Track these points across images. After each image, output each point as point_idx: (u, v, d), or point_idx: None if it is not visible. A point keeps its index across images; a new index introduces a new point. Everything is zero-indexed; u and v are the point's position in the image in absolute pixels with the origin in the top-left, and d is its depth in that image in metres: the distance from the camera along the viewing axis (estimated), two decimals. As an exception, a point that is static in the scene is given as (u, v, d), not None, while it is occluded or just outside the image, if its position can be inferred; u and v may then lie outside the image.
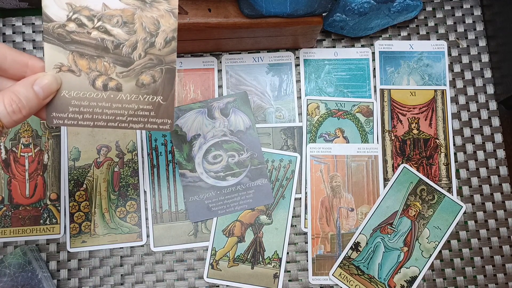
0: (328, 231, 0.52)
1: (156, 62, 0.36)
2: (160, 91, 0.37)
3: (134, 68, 0.36)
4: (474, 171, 0.54)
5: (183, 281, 0.51)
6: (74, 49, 0.35)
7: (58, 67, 0.35)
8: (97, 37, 0.35)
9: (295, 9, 0.46)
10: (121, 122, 0.37)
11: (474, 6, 0.58)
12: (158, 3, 0.34)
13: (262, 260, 0.51)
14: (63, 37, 0.34)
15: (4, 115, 0.30)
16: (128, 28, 0.35)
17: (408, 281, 0.51)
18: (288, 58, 0.56)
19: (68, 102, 0.35)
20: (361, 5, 0.51)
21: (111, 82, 0.36)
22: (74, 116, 0.36)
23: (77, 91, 0.35)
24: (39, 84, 0.33)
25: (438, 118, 0.55)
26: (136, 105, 0.36)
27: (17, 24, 0.56)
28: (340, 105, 0.55)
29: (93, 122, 0.36)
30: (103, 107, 0.36)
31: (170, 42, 0.35)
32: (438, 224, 0.52)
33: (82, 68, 0.35)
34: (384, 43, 0.57)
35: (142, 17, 0.35)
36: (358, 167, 0.54)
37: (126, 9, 0.34)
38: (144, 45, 0.35)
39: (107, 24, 0.34)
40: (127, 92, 0.36)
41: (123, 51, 0.35)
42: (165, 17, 0.35)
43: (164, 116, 0.37)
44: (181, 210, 0.52)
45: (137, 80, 0.36)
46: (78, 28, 0.34)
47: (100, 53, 0.35)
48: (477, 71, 0.57)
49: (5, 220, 0.51)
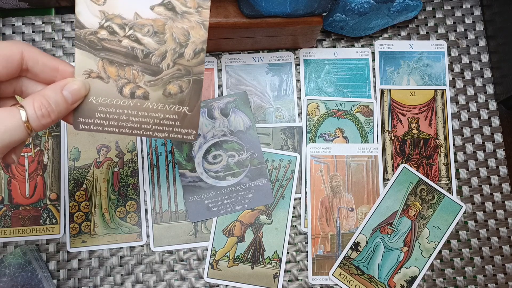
0: (328, 231, 0.52)
1: (184, 72, 0.36)
2: (187, 102, 0.37)
3: (162, 78, 0.36)
4: (474, 171, 0.54)
5: (183, 281, 0.51)
6: (104, 56, 0.35)
7: (87, 73, 0.35)
8: (127, 45, 0.35)
9: (295, 9, 0.46)
10: (146, 130, 0.37)
11: (474, 6, 0.58)
12: (190, 15, 0.35)
13: (262, 260, 0.51)
14: (94, 44, 0.35)
15: (34, 118, 0.31)
16: (158, 38, 0.35)
17: (408, 281, 0.51)
18: (288, 58, 0.56)
19: (95, 108, 0.36)
20: (361, 5, 0.51)
21: (138, 90, 0.36)
22: (100, 122, 0.36)
23: (104, 98, 0.36)
24: (68, 89, 0.33)
25: (438, 118, 0.55)
26: (162, 114, 0.37)
27: (17, 24, 0.56)
28: (340, 105, 0.55)
29: (118, 128, 0.37)
30: (129, 115, 0.36)
31: (199, 54, 0.36)
32: (438, 224, 0.52)
33: (111, 75, 0.36)
34: (384, 43, 0.57)
35: (173, 28, 0.35)
36: (358, 167, 0.54)
37: (158, 19, 0.35)
38: (173, 55, 0.36)
39: (138, 33, 0.35)
40: (154, 101, 0.36)
41: (152, 60, 0.36)
42: (195, 28, 0.35)
43: (189, 126, 0.38)
44: (181, 210, 0.52)
45: (164, 89, 0.36)
46: (109, 36, 0.35)
47: (130, 61, 0.35)
48: (477, 71, 0.57)
49: (5, 220, 0.51)
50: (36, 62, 0.33)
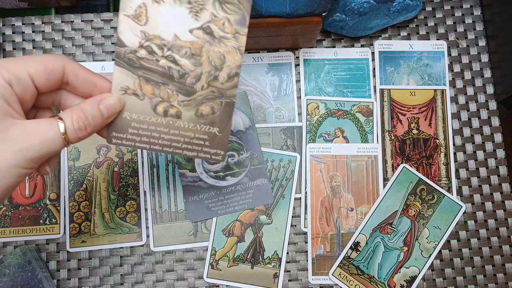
0: (328, 231, 0.52)
1: (217, 94, 0.37)
2: (217, 123, 0.38)
3: (196, 98, 0.37)
4: (474, 171, 0.54)
5: (183, 281, 0.51)
6: (142, 74, 0.36)
7: (124, 89, 0.36)
8: (164, 65, 0.36)
9: (294, 9, 0.46)
10: (176, 148, 0.38)
11: (474, 6, 0.58)
12: (227, 40, 0.36)
13: (262, 260, 0.51)
14: (133, 62, 0.36)
15: (71, 131, 0.32)
16: (195, 60, 0.36)
17: (408, 281, 0.51)
18: (288, 58, 0.56)
19: (128, 124, 0.37)
20: (360, 5, 0.51)
21: (171, 109, 0.37)
22: (132, 137, 0.37)
23: (138, 114, 0.37)
24: (105, 104, 0.34)
25: (438, 118, 0.55)
26: (192, 133, 0.38)
27: (17, 24, 0.56)
28: (340, 105, 0.55)
29: (149, 145, 0.38)
30: (161, 132, 0.37)
31: (233, 78, 0.37)
32: (437, 224, 0.52)
33: (146, 93, 0.36)
34: (383, 43, 0.57)
35: (210, 51, 0.36)
36: (358, 167, 0.54)
37: (196, 42, 0.36)
38: (208, 77, 0.37)
39: (176, 54, 0.36)
40: (186, 120, 0.37)
41: (187, 81, 0.37)
42: (231, 53, 0.36)
43: (218, 147, 0.39)
44: (180, 210, 0.52)
45: (196, 110, 0.37)
46: (148, 55, 0.36)
47: (165, 80, 0.36)
48: (477, 71, 0.57)
49: (4, 220, 0.51)
50: (76, 76, 0.34)
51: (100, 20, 0.56)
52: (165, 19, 0.35)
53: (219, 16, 0.35)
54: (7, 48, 0.55)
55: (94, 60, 0.55)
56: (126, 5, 0.35)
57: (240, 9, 0.36)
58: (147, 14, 0.35)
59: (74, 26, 0.56)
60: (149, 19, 0.35)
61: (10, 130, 0.30)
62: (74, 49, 0.55)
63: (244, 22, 0.36)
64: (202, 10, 0.35)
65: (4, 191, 0.31)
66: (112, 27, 0.56)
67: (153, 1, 0.35)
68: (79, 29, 0.56)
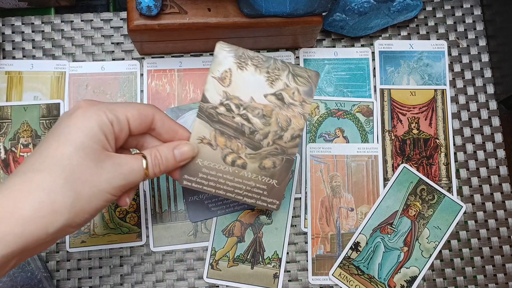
0: (328, 231, 0.52)
1: (280, 151, 0.42)
2: (277, 176, 0.43)
3: (261, 153, 0.42)
4: (474, 171, 0.54)
5: (183, 281, 0.51)
6: (218, 127, 0.41)
7: (200, 139, 0.41)
8: (238, 122, 0.41)
9: (295, 9, 0.46)
10: (238, 194, 0.43)
11: (474, 5, 0.58)
12: (294, 106, 0.41)
13: (262, 260, 0.51)
14: (212, 116, 0.41)
15: (150, 167, 0.38)
16: (265, 120, 0.41)
17: (408, 281, 0.51)
18: (288, 57, 0.56)
19: (199, 169, 0.42)
20: (361, 5, 0.51)
21: (239, 160, 0.42)
22: (201, 181, 0.42)
23: (209, 162, 0.42)
24: (179, 150, 0.40)
25: (438, 118, 0.55)
26: (254, 183, 0.43)
27: (17, 24, 0.56)
28: (340, 105, 0.55)
29: (215, 189, 0.42)
30: (226, 179, 0.42)
31: (295, 138, 0.42)
32: (438, 224, 0.52)
33: (219, 144, 0.41)
34: (384, 42, 0.57)
35: (279, 114, 0.41)
36: (358, 167, 0.53)
37: (268, 105, 0.41)
38: (274, 136, 0.42)
39: (250, 114, 0.41)
40: (250, 171, 0.42)
41: (256, 137, 0.42)
42: (296, 118, 0.41)
43: (275, 197, 0.43)
44: (180, 210, 0.52)
45: (260, 163, 0.42)
46: (226, 112, 0.41)
47: (237, 135, 0.41)
48: (477, 70, 0.57)
49: (4, 220, 0.51)
50: (162, 125, 0.40)
51: (100, 20, 0.56)
52: (245, 84, 0.41)
53: (290, 86, 0.41)
54: (6, 48, 0.55)
55: (94, 60, 0.55)
56: (214, 69, 0.41)
57: (309, 82, 0.41)
58: (231, 78, 0.41)
59: (73, 26, 0.56)
60: (232, 82, 0.41)
61: (106, 161, 0.35)
62: (74, 49, 0.55)
63: (310, 93, 0.41)
64: (277, 80, 0.41)
65: (92, 212, 0.35)
66: (111, 27, 0.56)
67: (237, 68, 0.41)
68: (79, 29, 0.56)
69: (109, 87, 0.55)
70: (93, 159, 0.35)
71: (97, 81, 0.55)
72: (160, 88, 0.55)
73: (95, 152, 0.35)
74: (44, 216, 0.32)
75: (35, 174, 0.33)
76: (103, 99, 0.54)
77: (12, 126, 0.53)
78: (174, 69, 0.55)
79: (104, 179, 0.35)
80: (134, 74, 0.55)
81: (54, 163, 0.33)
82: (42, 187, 0.33)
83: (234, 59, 0.41)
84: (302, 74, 0.41)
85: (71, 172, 0.34)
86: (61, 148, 0.34)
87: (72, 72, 0.55)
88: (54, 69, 0.55)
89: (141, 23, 0.47)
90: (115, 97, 0.54)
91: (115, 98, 0.54)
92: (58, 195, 0.33)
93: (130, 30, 0.47)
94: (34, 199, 0.32)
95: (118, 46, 0.56)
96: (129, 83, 0.55)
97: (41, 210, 0.32)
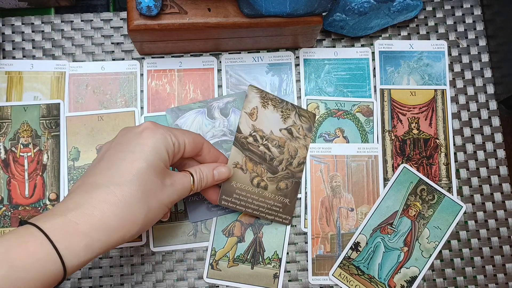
0: (328, 231, 0.52)
1: (290, 175, 0.51)
2: (289, 195, 0.51)
3: (277, 176, 0.51)
4: (474, 171, 0.54)
5: (183, 281, 0.51)
6: (247, 154, 0.49)
7: (235, 164, 0.49)
8: (262, 150, 0.50)
9: (294, 9, 0.46)
10: (261, 212, 0.50)
11: (474, 5, 0.58)
12: (299, 139, 0.52)
13: (262, 260, 0.51)
14: (243, 145, 0.49)
15: (196, 183, 0.43)
16: (280, 149, 0.51)
17: (408, 281, 0.51)
18: (288, 57, 0.56)
19: (233, 190, 0.48)
20: (361, 5, 0.51)
21: (262, 182, 0.50)
22: (235, 201, 0.48)
23: (240, 184, 0.49)
24: (217, 170, 0.45)
25: (438, 118, 0.55)
26: (272, 202, 0.50)
27: (17, 24, 0.56)
28: (340, 105, 0.55)
29: (245, 208, 0.49)
30: (253, 199, 0.49)
31: (301, 165, 0.52)
32: (438, 224, 0.52)
33: (248, 168, 0.49)
34: (384, 42, 0.57)
35: (289, 145, 0.52)
36: (358, 167, 0.53)
37: (282, 137, 0.51)
38: (286, 163, 0.51)
39: (269, 144, 0.51)
40: (269, 192, 0.50)
41: (274, 163, 0.51)
42: (301, 148, 0.52)
43: (287, 213, 0.51)
44: (180, 210, 0.52)
45: (277, 184, 0.50)
46: (253, 142, 0.50)
47: (261, 161, 0.50)
48: (477, 70, 0.57)
49: (4, 220, 0.51)
50: (208, 152, 0.46)
51: (100, 20, 0.56)
52: (267, 119, 0.51)
53: (297, 123, 0.52)
54: (6, 48, 0.55)
55: (94, 60, 0.55)
56: (246, 106, 0.51)
57: (309, 121, 0.53)
58: (257, 114, 0.51)
59: (73, 26, 0.56)
60: (258, 117, 0.51)
61: (166, 178, 0.40)
62: (74, 49, 0.55)
63: (310, 129, 0.53)
64: (288, 117, 0.52)
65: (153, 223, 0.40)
66: (111, 27, 0.56)
67: (262, 106, 0.51)
68: (79, 29, 0.56)
69: (109, 87, 0.54)
70: (159, 175, 0.39)
71: (97, 81, 0.55)
72: (160, 88, 0.55)
73: (161, 169, 0.39)
74: (124, 226, 0.37)
75: (116, 187, 0.37)
76: (103, 99, 0.54)
77: (12, 126, 0.53)
78: (174, 69, 0.55)
79: (166, 194, 0.40)
80: (134, 74, 0.55)
81: (132, 178, 0.37)
82: (124, 200, 0.37)
83: (259, 99, 0.51)
84: (304, 114, 0.53)
85: (145, 187, 0.38)
86: (136, 164, 0.38)
87: (72, 72, 0.55)
88: (54, 69, 0.55)
89: (141, 23, 0.47)
90: (115, 97, 0.54)
91: (115, 98, 0.54)
92: (136, 208, 0.37)
93: (130, 30, 0.47)
94: (118, 210, 0.36)
95: (118, 46, 0.56)
96: (129, 83, 0.55)
97: (123, 221, 0.37)
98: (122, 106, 0.54)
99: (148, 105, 0.54)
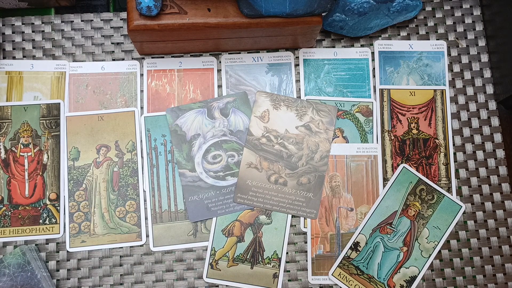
0: (327, 231, 0.52)
1: (312, 169, 0.52)
2: (312, 190, 0.52)
3: (297, 172, 0.52)
4: (474, 171, 0.54)
5: (182, 281, 0.51)
6: (262, 154, 0.52)
7: (248, 164, 0.51)
8: (277, 149, 0.52)
9: (294, 9, 0.46)
10: (281, 207, 0.51)
11: (473, 6, 0.58)
12: (320, 133, 0.53)
13: (262, 260, 0.51)
14: (256, 146, 0.52)
15: None
16: (298, 146, 0.52)
17: (408, 281, 0.51)
18: (287, 58, 0.56)
19: (249, 188, 0.51)
20: (360, 5, 0.51)
21: (280, 179, 0.52)
22: (251, 198, 0.51)
23: (256, 182, 0.51)
24: None
25: (438, 118, 0.55)
26: (294, 197, 0.52)
27: (17, 24, 0.56)
28: (340, 105, 0.55)
29: (263, 204, 0.51)
30: (271, 195, 0.51)
31: (324, 159, 0.53)
32: (437, 224, 0.52)
33: (263, 167, 0.52)
34: (383, 43, 0.57)
35: (308, 141, 0.53)
36: (357, 167, 0.54)
37: (299, 134, 0.53)
38: (307, 158, 0.52)
39: (285, 142, 0.52)
40: (290, 187, 0.52)
41: (292, 160, 0.52)
42: (323, 142, 0.53)
43: (312, 207, 0.52)
44: (180, 210, 0.52)
45: (297, 180, 0.52)
46: (267, 142, 0.52)
47: (277, 159, 0.52)
48: (476, 71, 0.57)
49: (4, 220, 0.51)
50: None
51: (100, 20, 0.56)
52: (280, 119, 0.53)
53: (315, 118, 0.53)
54: (6, 48, 0.55)
55: (94, 60, 0.55)
56: (256, 110, 0.53)
57: (330, 114, 0.54)
58: (269, 116, 0.53)
59: (73, 26, 0.56)
60: (270, 119, 0.53)
61: None
62: (74, 49, 0.55)
63: (332, 122, 0.53)
64: (304, 114, 0.53)
65: None
66: (111, 27, 0.56)
67: (273, 108, 0.53)
68: (79, 29, 0.56)
69: (109, 87, 0.55)
70: None
71: (97, 81, 0.55)
72: (160, 88, 0.55)
73: None
74: None
75: None
76: (103, 99, 0.54)
77: (12, 126, 0.53)
78: (174, 69, 0.55)
79: None
80: (134, 74, 0.55)
81: None
82: None
83: (270, 102, 0.53)
84: (323, 108, 0.54)
85: None
86: None
87: (72, 72, 0.55)
88: (54, 69, 0.55)
89: (141, 23, 0.47)
90: (115, 97, 0.54)
91: (115, 98, 0.54)
92: None
93: (130, 30, 0.47)
94: None
95: (118, 46, 0.56)
96: (129, 83, 0.55)
97: None
98: (122, 106, 0.54)
99: (148, 105, 0.54)
